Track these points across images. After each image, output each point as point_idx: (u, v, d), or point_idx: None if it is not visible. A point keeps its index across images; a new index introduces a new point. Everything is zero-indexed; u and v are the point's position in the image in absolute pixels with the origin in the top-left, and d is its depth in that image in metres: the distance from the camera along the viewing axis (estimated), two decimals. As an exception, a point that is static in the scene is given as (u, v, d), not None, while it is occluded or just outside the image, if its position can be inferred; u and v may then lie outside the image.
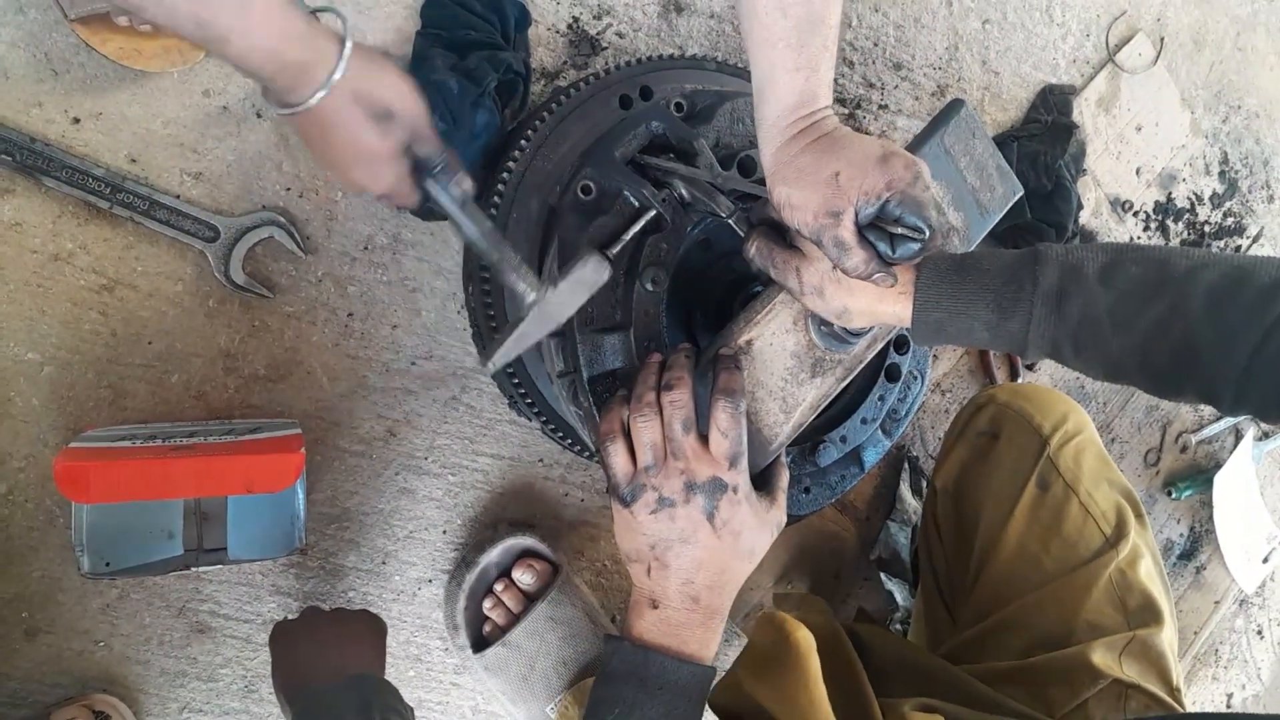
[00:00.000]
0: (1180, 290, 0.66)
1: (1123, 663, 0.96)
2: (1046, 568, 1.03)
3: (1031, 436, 1.08)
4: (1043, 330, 0.69)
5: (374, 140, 0.76)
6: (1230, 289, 0.65)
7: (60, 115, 0.96)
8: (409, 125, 0.78)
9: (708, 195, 0.85)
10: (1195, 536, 1.79)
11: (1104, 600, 1.00)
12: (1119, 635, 0.97)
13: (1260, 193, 1.75)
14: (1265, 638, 1.93)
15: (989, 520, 1.08)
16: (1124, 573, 1.01)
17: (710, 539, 0.75)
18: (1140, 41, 1.57)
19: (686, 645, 0.75)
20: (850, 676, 0.98)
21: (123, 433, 0.97)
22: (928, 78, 1.42)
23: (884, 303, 0.74)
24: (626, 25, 1.20)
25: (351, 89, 0.73)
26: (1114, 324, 0.67)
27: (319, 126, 0.75)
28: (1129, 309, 0.67)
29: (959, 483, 1.14)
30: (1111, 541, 1.02)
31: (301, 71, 0.70)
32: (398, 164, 0.79)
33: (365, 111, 0.74)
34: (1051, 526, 1.04)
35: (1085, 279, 0.68)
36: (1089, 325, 0.68)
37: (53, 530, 1.00)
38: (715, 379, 0.77)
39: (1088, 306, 0.68)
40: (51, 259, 0.97)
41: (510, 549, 1.16)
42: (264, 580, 1.10)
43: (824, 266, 0.74)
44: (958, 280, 0.72)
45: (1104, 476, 1.07)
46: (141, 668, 1.06)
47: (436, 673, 1.21)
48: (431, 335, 1.14)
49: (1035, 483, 1.06)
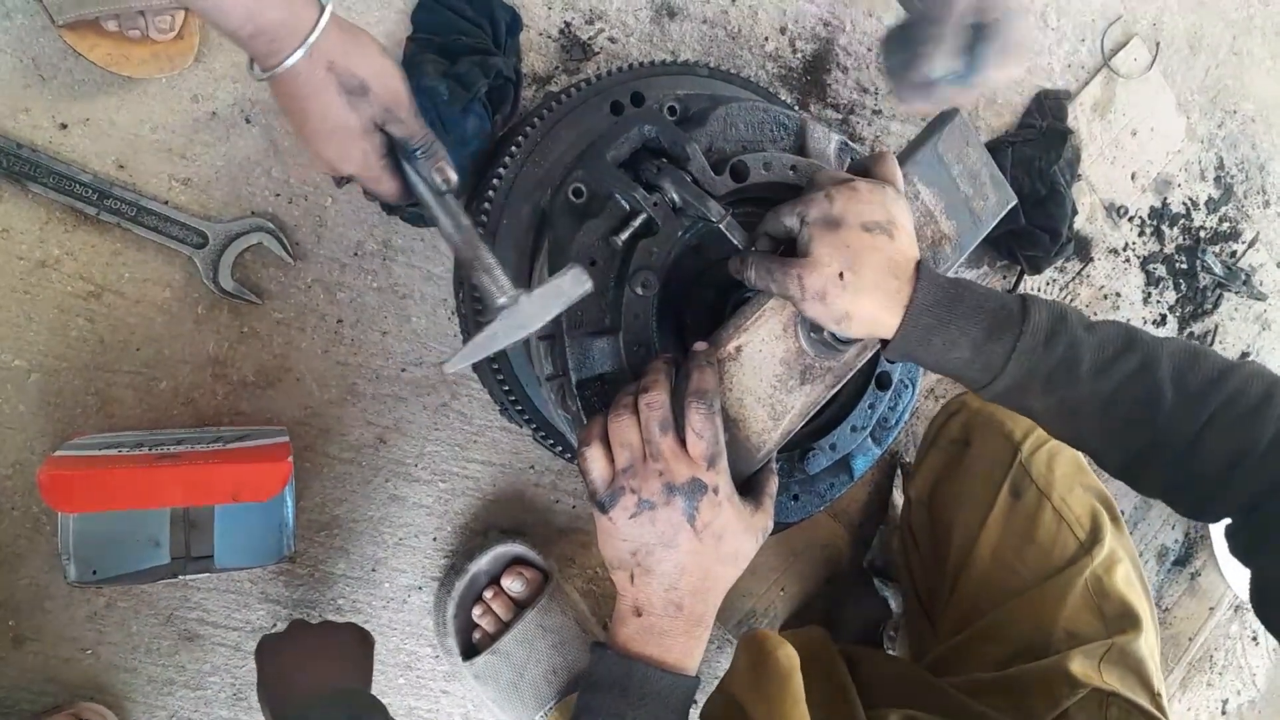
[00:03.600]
0: (1149, 351, 0.73)
1: (1102, 670, 0.96)
2: (1022, 576, 1.03)
3: (1003, 443, 1.08)
4: (1025, 360, 0.72)
5: (343, 113, 0.75)
6: (1189, 361, 0.73)
7: (47, 121, 0.95)
8: (383, 103, 0.77)
9: (699, 200, 0.84)
10: (1190, 543, 1.78)
11: (1081, 607, 1.00)
12: (1097, 643, 0.97)
13: (1256, 198, 1.74)
14: (1260, 644, 1.92)
15: (963, 529, 1.08)
16: (1100, 579, 1.01)
17: (691, 541, 0.75)
18: (1136, 46, 1.56)
19: (669, 654, 0.75)
20: (840, 692, 0.97)
21: (110, 440, 0.96)
22: (922, 83, 1.42)
23: (885, 312, 0.74)
24: (618, 30, 1.20)
25: (328, 59, 0.72)
26: (1092, 369, 0.72)
27: (293, 95, 0.74)
28: (1107, 358, 0.73)
29: (933, 492, 1.14)
30: (1086, 547, 1.02)
31: (279, 34, 0.70)
32: (366, 141, 0.78)
33: (339, 83, 0.74)
34: (1026, 534, 1.04)
35: (1071, 325, 0.73)
36: (1068, 366, 0.72)
37: (39, 538, 0.99)
38: (687, 380, 0.76)
39: (1072, 347, 0.72)
40: (38, 265, 0.97)
41: (500, 556, 1.15)
42: (252, 588, 1.09)
43: (829, 271, 0.73)
44: (953, 296, 0.74)
45: (1078, 481, 1.07)
46: (129, 675, 1.05)
47: (426, 680, 1.20)
48: (422, 341, 1.13)
49: (1008, 490, 1.06)
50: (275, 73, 0.72)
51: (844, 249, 0.73)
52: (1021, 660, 0.98)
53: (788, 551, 1.41)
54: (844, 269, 0.73)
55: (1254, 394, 0.72)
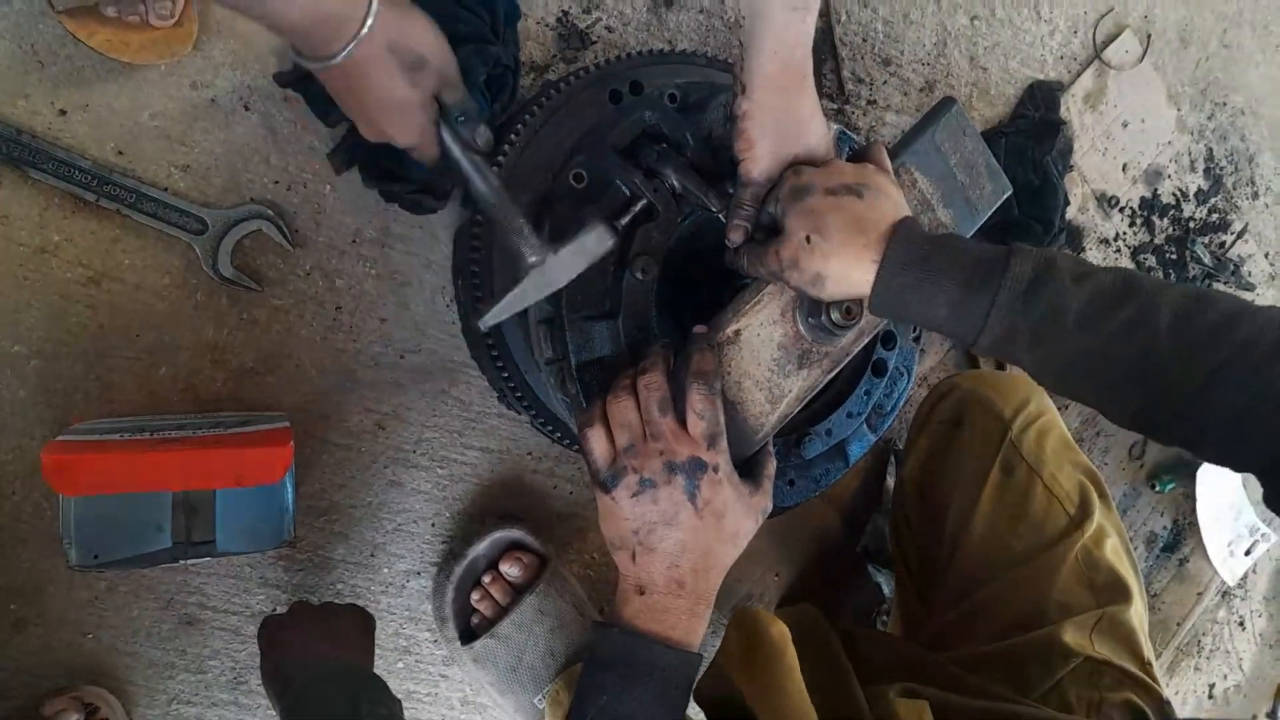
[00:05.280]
0: (1149, 300, 0.67)
1: (1094, 640, 0.98)
2: (1015, 551, 1.04)
3: (994, 422, 1.09)
4: (1005, 315, 0.69)
5: (406, 90, 0.77)
6: (1194, 307, 0.66)
7: (46, 107, 0.95)
8: (439, 73, 0.79)
9: (699, 188, 0.85)
10: (1179, 529, 1.81)
11: (1073, 580, 1.02)
12: (1089, 614, 0.99)
13: (1245, 189, 1.76)
14: (1247, 629, 1.95)
15: (956, 507, 1.09)
16: (1090, 551, 1.03)
17: (693, 519, 0.76)
18: (1127, 38, 1.58)
19: (674, 631, 0.76)
20: (836, 670, 0.99)
21: (110, 425, 0.97)
22: (916, 73, 1.43)
23: (856, 269, 0.73)
24: (616, 19, 1.20)
25: (385, 39, 0.73)
26: (1079, 322, 0.68)
27: (353, 78, 0.75)
28: (1097, 310, 0.68)
29: (925, 472, 1.16)
30: (1076, 521, 1.04)
31: (337, 24, 0.71)
32: (425, 113, 0.80)
33: (398, 61, 0.75)
34: (1018, 510, 1.06)
35: (1058, 274, 0.69)
36: (1054, 318, 0.68)
37: (40, 522, 1.00)
38: (688, 361, 0.77)
39: (1057, 298, 0.68)
40: (38, 251, 0.97)
41: (498, 541, 1.16)
42: (252, 573, 1.10)
43: (796, 239, 0.74)
44: (929, 251, 0.72)
45: (1067, 458, 1.09)
46: (130, 659, 1.06)
47: (425, 664, 1.21)
48: (420, 328, 1.14)
49: (999, 467, 1.07)
50: (333, 63, 0.72)
51: (809, 214, 0.74)
52: (1016, 633, 1.00)
53: (781, 536, 1.42)
54: (809, 232, 0.74)
55: (1270, 339, 0.65)
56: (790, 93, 0.77)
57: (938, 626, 1.09)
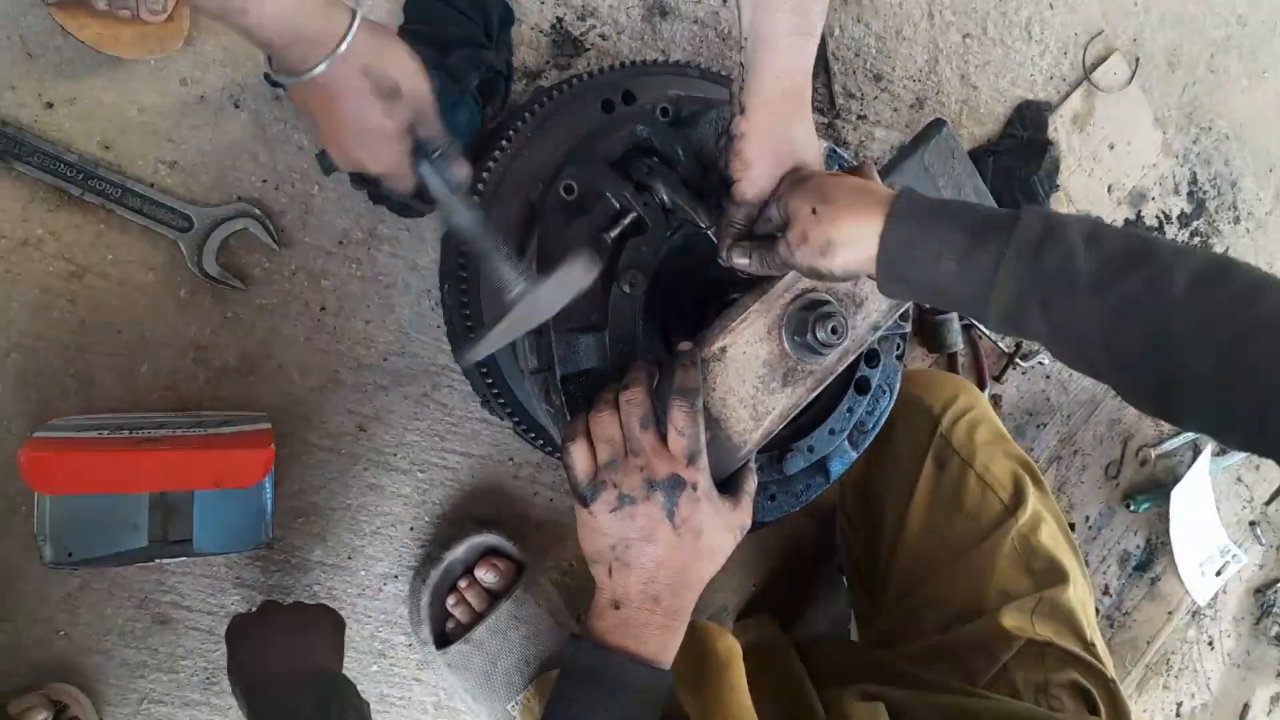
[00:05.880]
0: (1164, 267, 0.62)
1: (1035, 623, 0.99)
2: (952, 543, 1.06)
3: (924, 417, 1.11)
4: (1014, 274, 0.65)
5: (379, 117, 0.75)
6: (1215, 275, 0.61)
7: (33, 99, 0.94)
8: (415, 105, 0.77)
9: (689, 203, 0.86)
10: (1151, 548, 1.83)
11: (1010, 566, 1.03)
12: (1028, 597, 1.01)
13: (1227, 214, 1.78)
14: (1216, 649, 1.97)
15: (893, 505, 1.11)
16: (1026, 538, 1.04)
17: (670, 537, 0.76)
18: (1116, 61, 1.59)
19: (646, 646, 0.76)
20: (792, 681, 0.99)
21: (90, 422, 0.96)
22: (907, 90, 1.43)
23: (865, 226, 0.71)
24: (610, 28, 1.20)
25: (362, 63, 0.72)
26: (1090, 285, 0.63)
27: (324, 98, 0.74)
28: (1109, 273, 0.63)
29: (863, 474, 1.17)
30: (1010, 508, 1.05)
31: (315, 40, 0.70)
32: (400, 144, 0.79)
33: (373, 87, 0.74)
34: (952, 502, 1.07)
35: (1068, 235, 0.65)
36: (1064, 280, 0.64)
37: (15, 518, 0.99)
38: (671, 378, 0.77)
39: (1067, 259, 0.64)
40: (20, 244, 0.96)
41: (475, 546, 1.16)
42: (228, 573, 1.09)
43: (803, 214, 0.74)
44: (938, 206, 0.70)
45: (999, 448, 1.10)
46: (102, 658, 1.05)
47: (399, 668, 1.21)
48: (404, 331, 1.14)
49: (932, 461, 1.09)
50: (305, 77, 0.71)
51: (813, 189, 0.74)
52: (959, 624, 1.01)
53: (759, 548, 1.42)
54: (815, 204, 0.73)
55: None
56: (789, 116, 0.78)
57: (886, 625, 1.11)
